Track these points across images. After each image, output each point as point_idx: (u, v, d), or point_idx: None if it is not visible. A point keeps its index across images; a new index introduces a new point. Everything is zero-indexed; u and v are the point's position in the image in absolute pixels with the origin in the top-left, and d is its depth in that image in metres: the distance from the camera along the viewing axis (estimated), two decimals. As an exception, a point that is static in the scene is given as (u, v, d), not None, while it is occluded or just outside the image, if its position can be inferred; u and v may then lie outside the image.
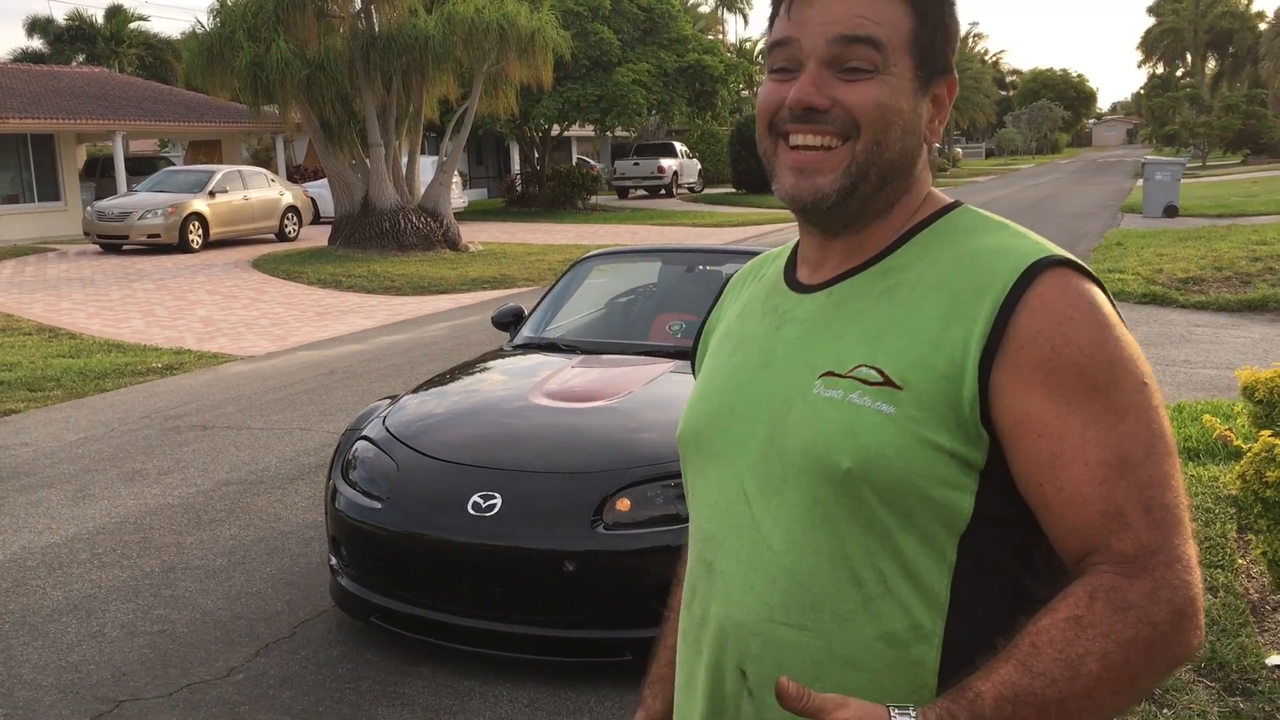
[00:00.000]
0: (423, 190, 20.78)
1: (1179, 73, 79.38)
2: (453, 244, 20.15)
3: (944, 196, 1.25)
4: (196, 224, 20.71)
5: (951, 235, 1.18)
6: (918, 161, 1.20)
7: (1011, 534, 1.11)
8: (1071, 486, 1.04)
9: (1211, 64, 76.33)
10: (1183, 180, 24.77)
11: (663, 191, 37.28)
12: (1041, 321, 1.06)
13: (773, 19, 1.22)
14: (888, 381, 1.10)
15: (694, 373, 1.43)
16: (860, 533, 1.10)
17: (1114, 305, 1.11)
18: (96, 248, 20.98)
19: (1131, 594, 1.01)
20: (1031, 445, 1.06)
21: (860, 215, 1.19)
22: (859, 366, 1.12)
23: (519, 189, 33.17)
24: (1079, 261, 1.11)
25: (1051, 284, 1.08)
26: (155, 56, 46.92)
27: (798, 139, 1.16)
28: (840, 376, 1.13)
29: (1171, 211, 22.75)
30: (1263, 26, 66.15)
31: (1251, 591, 4.17)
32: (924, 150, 1.21)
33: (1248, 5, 70.48)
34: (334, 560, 4.24)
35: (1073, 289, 1.08)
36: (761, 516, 1.17)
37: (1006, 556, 1.12)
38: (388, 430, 4.30)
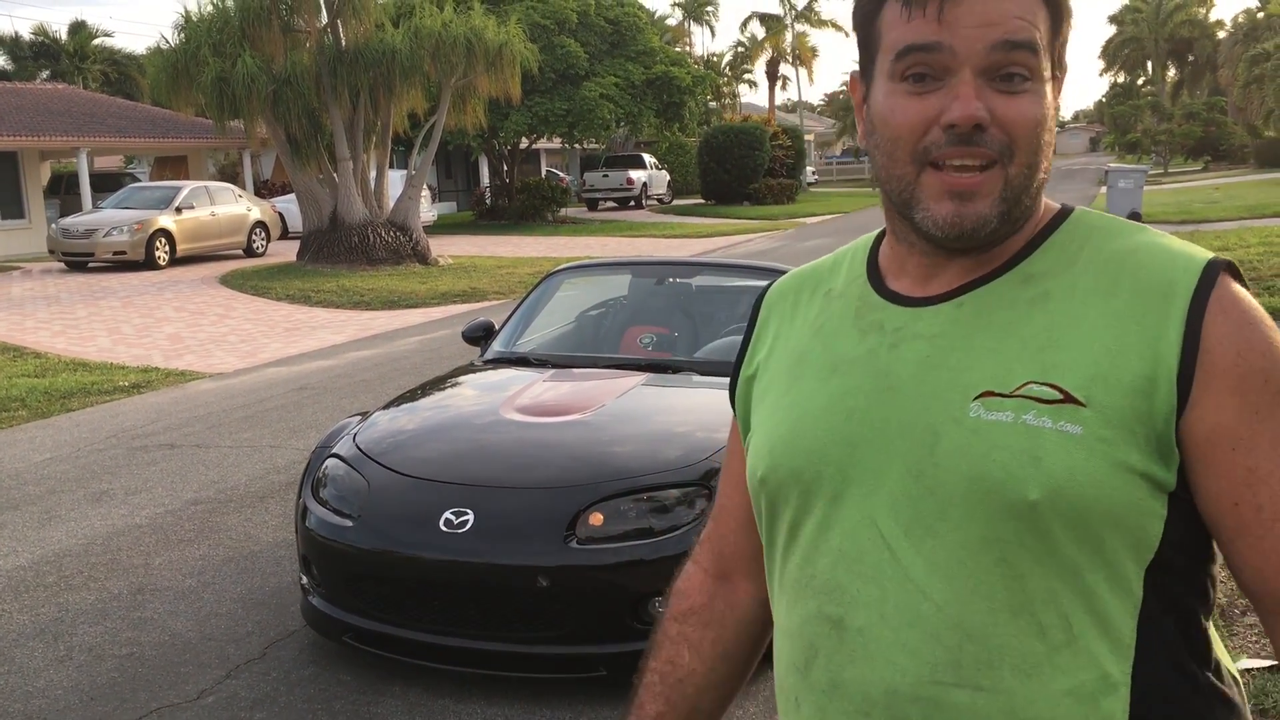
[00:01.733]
0: (391, 204, 20.70)
1: (1140, 81, 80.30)
2: (422, 258, 20.09)
3: (1051, 201, 1.15)
4: (163, 240, 20.54)
5: (1088, 238, 1.08)
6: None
7: (1189, 563, 1.03)
8: (1274, 504, 0.96)
9: (1172, 72, 77.32)
10: (1145, 187, 25.05)
11: (632, 203, 37.34)
12: (1225, 325, 0.98)
13: (870, 15, 1.08)
14: (1069, 398, 0.99)
15: (735, 406, 1.28)
16: (1045, 573, 0.99)
17: None
18: (62, 265, 20.76)
19: None
20: (1226, 460, 0.97)
21: (1003, 236, 1.08)
22: (1028, 384, 1.00)
23: (488, 202, 33.12)
24: (1236, 265, 1.05)
25: (1226, 288, 1.01)
26: (120, 72, 46.57)
27: (955, 161, 1.03)
28: (1005, 396, 1.01)
29: (1135, 219, 22.95)
30: (1222, 35, 67.17)
31: (1220, 596, 4.21)
32: None
33: (1207, 14, 71.41)
34: (305, 579, 4.20)
35: (1242, 293, 1.02)
36: (911, 562, 1.03)
37: (1181, 588, 1.03)
38: (358, 447, 4.28)
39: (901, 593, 1.03)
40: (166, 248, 20.63)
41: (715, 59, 59.55)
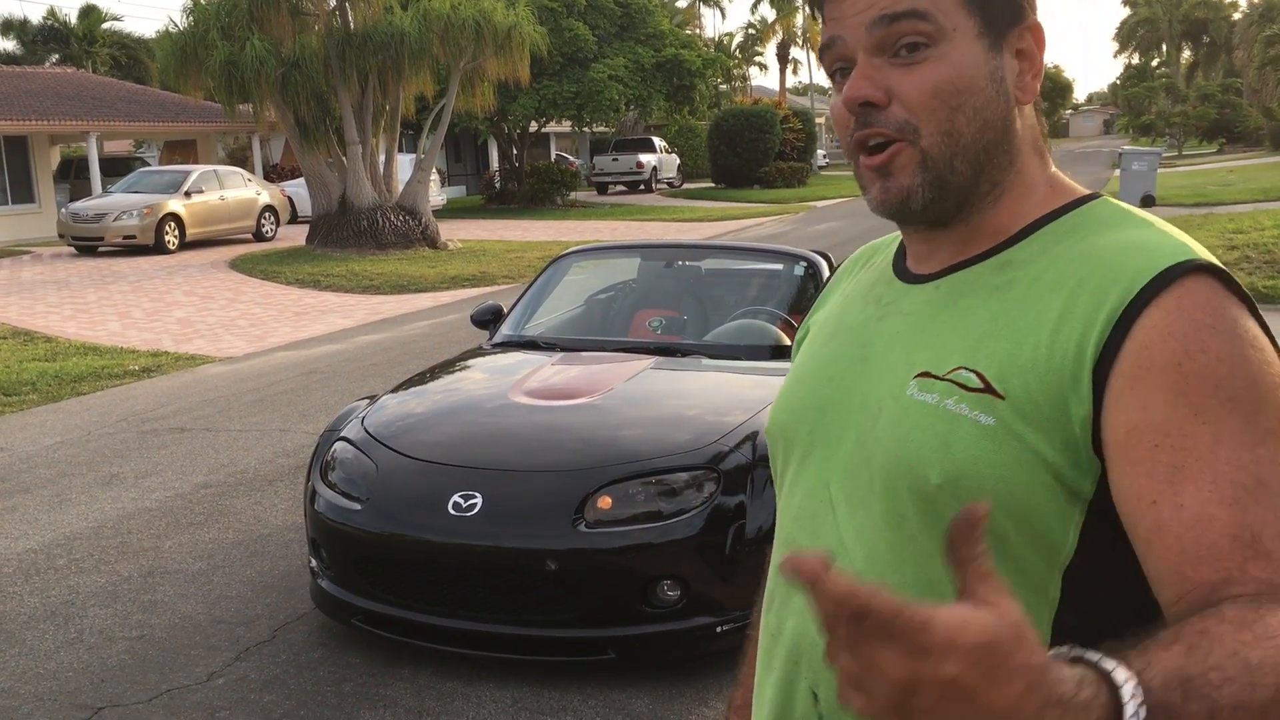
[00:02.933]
0: (400, 188, 20.69)
1: (1155, 63, 79.83)
2: (431, 242, 20.08)
3: (1077, 186, 1.10)
4: (172, 225, 20.57)
5: (1082, 230, 1.04)
6: (1012, 130, 1.05)
7: (1121, 576, 0.96)
8: (1196, 504, 0.87)
9: (1187, 54, 76.82)
10: (1159, 170, 24.88)
11: (642, 187, 37.26)
12: (1176, 323, 0.91)
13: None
14: (988, 388, 0.97)
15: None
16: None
17: (1268, 329, 0.95)
18: (72, 250, 20.82)
19: None
20: (1148, 456, 0.90)
21: (965, 204, 1.06)
22: (958, 369, 1.00)
23: (497, 186, 33.08)
24: (1226, 271, 0.96)
25: (1192, 289, 0.92)
26: (129, 56, 46.61)
27: (870, 143, 1.04)
28: (937, 379, 1.01)
29: (1149, 201, 22.88)
30: (1237, 16, 66.67)
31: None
32: (1017, 116, 1.06)
33: (1221, -5, 70.97)
34: (314, 562, 4.21)
35: (1220, 299, 0.93)
36: (846, 529, 1.06)
37: (1115, 601, 0.97)
38: (366, 431, 4.27)
39: (835, 557, 1.05)
40: (176, 232, 20.66)
41: (726, 41, 59.31)
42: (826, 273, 5.32)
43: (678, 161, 40.28)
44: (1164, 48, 77.19)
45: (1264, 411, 0.89)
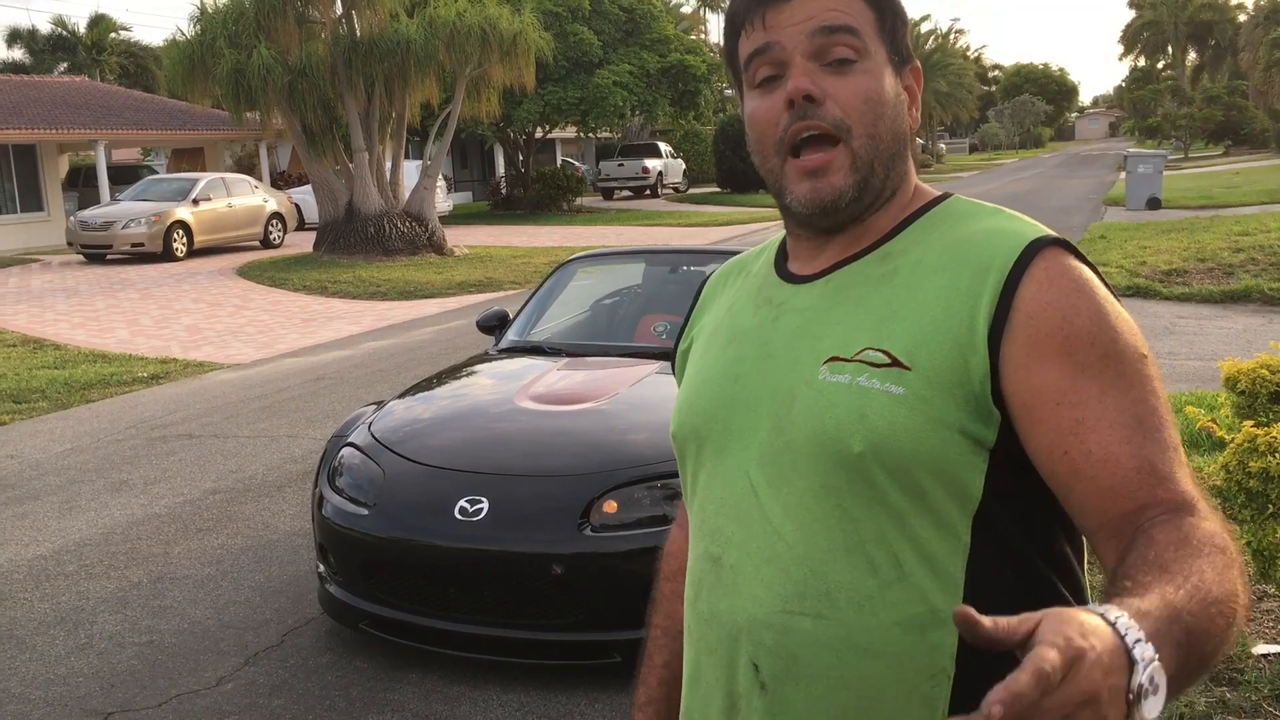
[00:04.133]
0: (407, 195, 20.74)
1: (1160, 65, 79.73)
2: (438, 248, 20.13)
3: (931, 189, 1.27)
4: (180, 232, 20.65)
5: (948, 220, 1.20)
6: (907, 145, 1.22)
7: (1022, 515, 1.12)
8: (1101, 448, 1.05)
9: (1192, 56, 76.70)
10: (1165, 172, 24.88)
11: (648, 192, 37.28)
12: (1050, 293, 1.08)
13: (732, 36, 1.24)
14: (895, 363, 1.10)
15: (676, 375, 1.43)
16: (874, 517, 1.10)
17: (1107, 283, 1.14)
18: (80, 258, 20.90)
19: (1207, 527, 0.99)
20: (1052, 414, 1.06)
21: (870, 206, 1.21)
22: (865, 350, 1.13)
23: (504, 192, 33.13)
24: (1072, 242, 1.14)
25: (1052, 260, 1.10)
26: (137, 65, 46.78)
27: (803, 135, 1.17)
28: (846, 361, 1.13)
29: (1154, 204, 22.85)
30: (1242, 18, 66.48)
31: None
32: (908, 138, 1.23)
33: (1227, -3, 70.83)
34: (322, 567, 4.23)
35: (1072, 266, 1.11)
36: (771, 508, 1.16)
37: (1019, 538, 1.12)
38: (373, 436, 4.30)
39: (762, 535, 1.16)
40: (184, 239, 20.74)
41: (730, 47, 59.26)
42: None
43: (683, 166, 40.29)
44: (1169, 50, 77.08)
45: (1127, 358, 1.07)
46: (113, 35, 46.96)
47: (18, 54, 45.43)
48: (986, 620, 0.78)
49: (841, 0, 1.17)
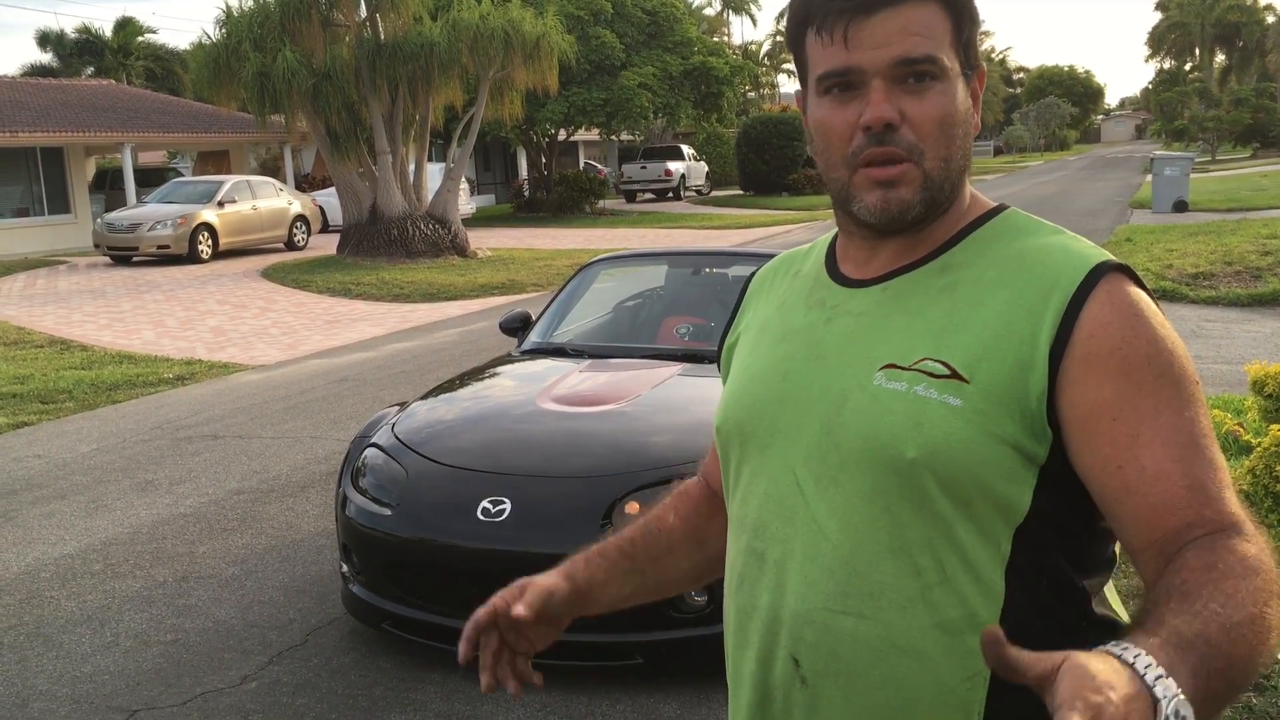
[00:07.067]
0: (430, 197, 20.82)
1: (1187, 67, 79.16)
2: (461, 250, 20.19)
3: (986, 199, 1.28)
4: (206, 234, 20.80)
5: (1007, 235, 1.22)
6: (970, 157, 1.24)
7: (1062, 530, 1.14)
8: (1154, 464, 1.06)
9: (1220, 58, 76.10)
10: (1192, 175, 24.67)
11: (670, 194, 37.29)
12: (1111, 315, 1.10)
13: (800, 24, 1.21)
14: (955, 375, 1.12)
15: (721, 370, 1.45)
16: (921, 522, 1.13)
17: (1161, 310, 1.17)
18: (107, 260, 21.09)
19: (1250, 550, 1.00)
20: (1108, 429, 1.08)
21: (932, 218, 1.23)
22: (923, 360, 1.14)
23: (526, 194, 33.21)
24: (1133, 269, 1.17)
25: (1115, 285, 1.12)
26: (163, 68, 47.13)
27: (878, 160, 1.18)
28: (903, 369, 1.15)
29: (1181, 206, 22.68)
30: (1270, 20, 65.98)
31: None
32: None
33: (1255, -1, 70.24)
34: (345, 567, 4.25)
35: (1133, 291, 1.13)
36: (817, 506, 1.18)
37: (1056, 551, 1.15)
38: (397, 437, 4.32)
39: (807, 533, 1.18)
40: (209, 242, 20.88)
41: (754, 49, 59.29)
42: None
43: (706, 169, 40.27)
44: (1197, 52, 76.51)
45: (1181, 381, 1.10)
46: (139, 39, 47.35)
47: (46, 57, 45.92)
48: (1011, 648, 0.83)
49: (924, 15, 1.16)
